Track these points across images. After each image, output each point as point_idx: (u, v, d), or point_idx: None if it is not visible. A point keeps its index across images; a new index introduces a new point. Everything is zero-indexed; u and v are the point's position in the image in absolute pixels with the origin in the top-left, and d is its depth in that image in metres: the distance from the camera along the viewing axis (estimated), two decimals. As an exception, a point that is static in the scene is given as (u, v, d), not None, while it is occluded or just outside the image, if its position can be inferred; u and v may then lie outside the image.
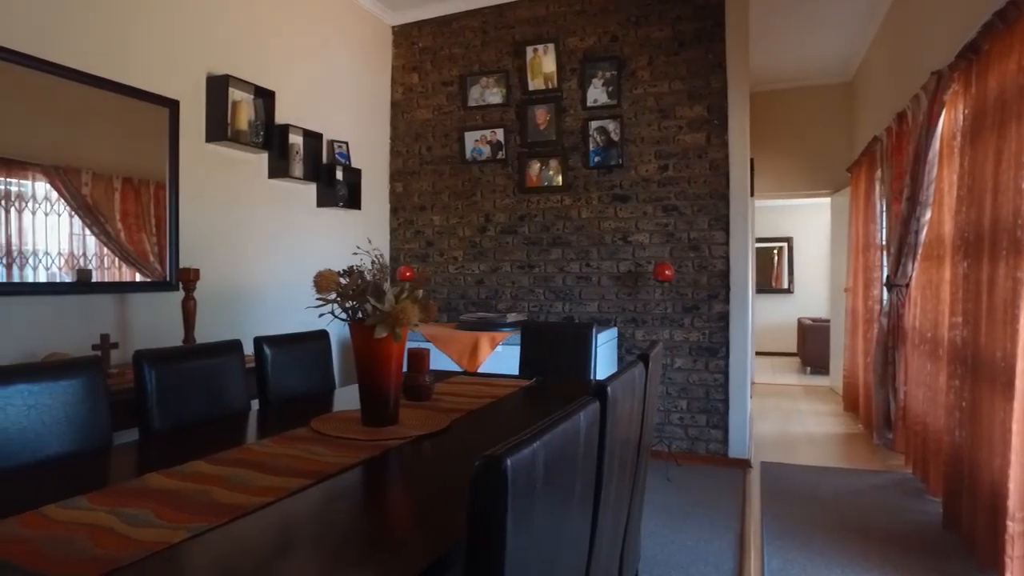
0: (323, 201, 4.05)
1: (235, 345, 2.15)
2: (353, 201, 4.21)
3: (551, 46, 4.40)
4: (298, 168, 3.77)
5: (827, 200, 7.04)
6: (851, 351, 5.56)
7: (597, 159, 4.30)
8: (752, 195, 5.46)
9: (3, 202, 2.46)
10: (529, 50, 4.45)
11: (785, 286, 10.03)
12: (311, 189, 4.02)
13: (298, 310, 3.88)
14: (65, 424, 1.61)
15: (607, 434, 1.29)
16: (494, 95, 4.58)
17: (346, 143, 4.24)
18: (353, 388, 2.59)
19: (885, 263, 4.49)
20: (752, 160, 5.23)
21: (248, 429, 1.95)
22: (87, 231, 2.76)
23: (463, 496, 1.33)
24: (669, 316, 4.17)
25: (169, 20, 3.10)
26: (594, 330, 3.00)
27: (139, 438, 1.85)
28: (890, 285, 3.98)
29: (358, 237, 4.45)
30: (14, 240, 2.49)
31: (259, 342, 2.29)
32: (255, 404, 2.27)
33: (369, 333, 1.73)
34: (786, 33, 5.24)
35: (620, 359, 4.28)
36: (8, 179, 2.47)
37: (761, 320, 9.65)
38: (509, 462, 0.80)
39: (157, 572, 0.98)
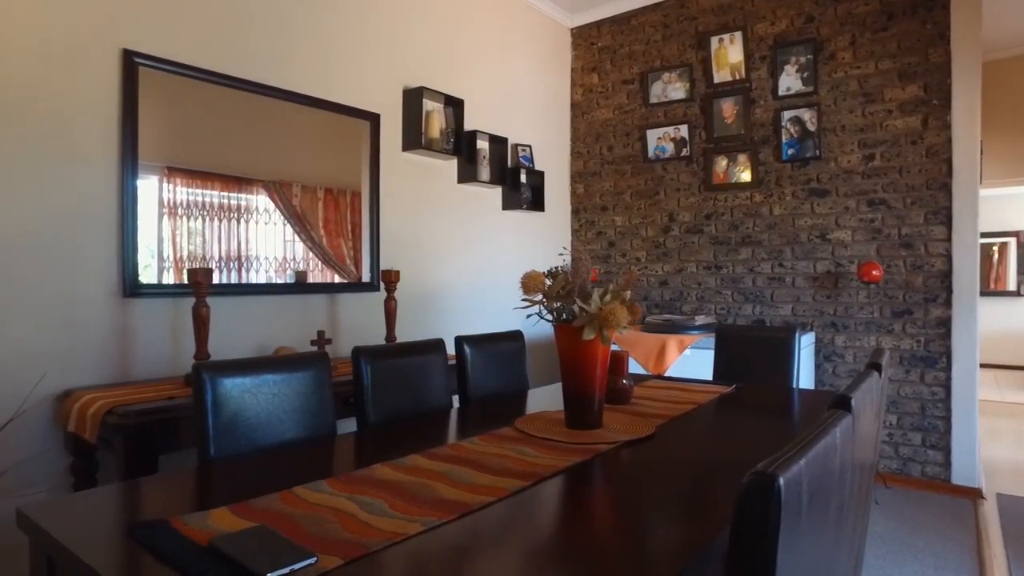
0: (508, 204, 4.16)
1: (439, 344, 2.25)
2: (536, 203, 4.27)
3: (738, 34, 4.16)
4: (485, 172, 3.89)
5: (1073, 187, 5.97)
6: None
7: (790, 152, 3.99)
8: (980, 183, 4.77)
9: (236, 214, 2.79)
10: (714, 41, 4.24)
11: (1012, 287, 8.70)
12: (497, 192, 4.14)
13: (485, 310, 4.01)
14: (300, 412, 1.77)
15: (851, 451, 1.15)
16: (677, 90, 4.42)
17: (529, 146, 4.31)
18: (545, 389, 2.61)
19: None
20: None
21: (454, 425, 2.02)
22: (296, 238, 3.04)
23: (685, 509, 1.26)
24: (876, 321, 3.75)
25: (370, 41, 3.34)
26: (797, 334, 2.77)
27: (356, 429, 1.99)
28: None
29: (541, 239, 4.52)
30: (243, 247, 2.82)
31: (460, 341, 2.37)
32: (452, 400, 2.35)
33: (575, 335, 1.71)
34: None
35: (818, 366, 3.93)
36: (239, 194, 2.80)
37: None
38: (782, 480, 0.72)
39: (400, 561, 1.02)
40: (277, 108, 2.93)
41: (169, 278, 2.57)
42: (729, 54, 4.20)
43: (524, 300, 1.82)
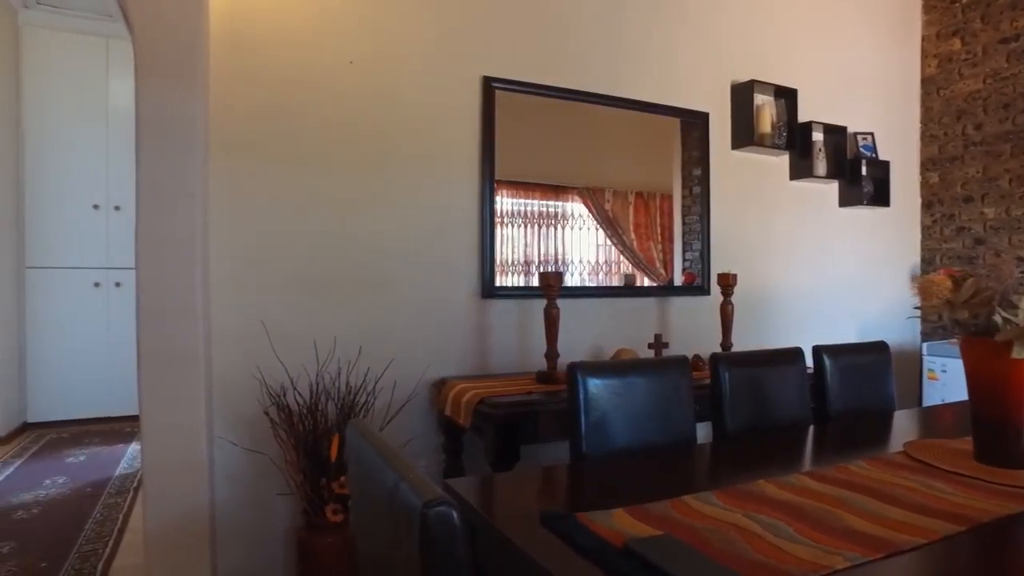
0: (846, 200, 3.73)
1: (797, 353, 2.07)
2: (880, 198, 3.76)
3: None
4: (820, 167, 3.55)
5: None
6: None
7: None
8: None
9: (553, 221, 2.95)
10: None
11: None
12: (832, 188, 3.74)
13: (821, 315, 3.66)
14: (661, 416, 1.76)
15: None
16: (1081, 45, 3.51)
17: (871, 134, 3.81)
18: (914, 411, 2.27)
19: None
20: None
21: (820, 443, 1.85)
22: (608, 241, 3.08)
23: None
24: None
25: (697, 40, 3.27)
26: None
27: (713, 437, 1.92)
28: None
29: (885, 238, 3.97)
30: (559, 251, 2.96)
31: (818, 351, 2.16)
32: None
33: (994, 351, 1.42)
34: None
35: None
36: (556, 202, 2.96)
37: None
38: None
39: (831, 597, 0.92)
40: (596, 116, 3.01)
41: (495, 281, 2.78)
42: None
43: (917, 308, 1.57)
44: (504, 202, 2.83)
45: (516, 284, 2.82)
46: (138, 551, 2.55)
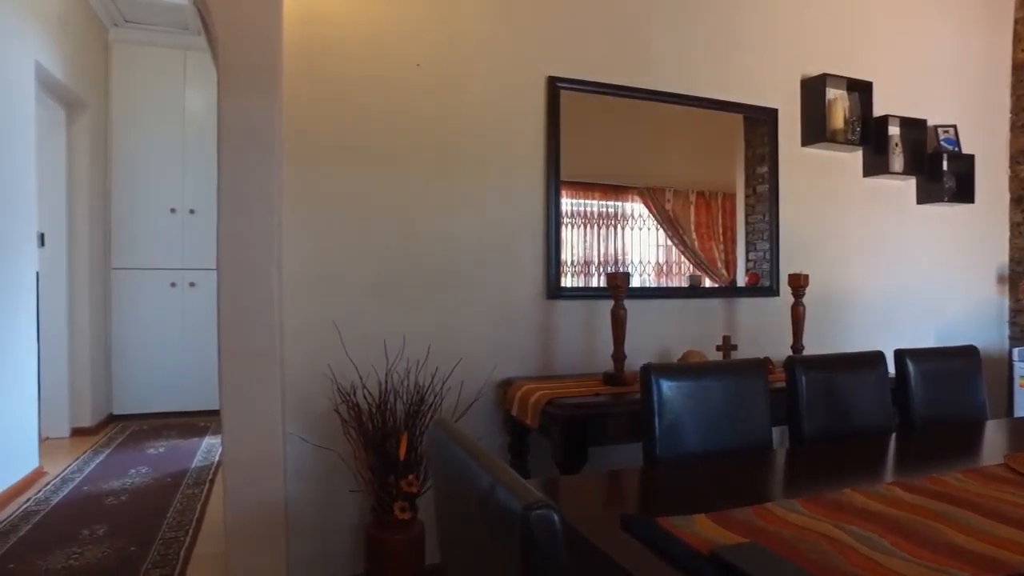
0: (924, 197, 3.54)
1: (878, 357, 1.99)
2: (963, 194, 3.56)
3: None
4: (897, 163, 3.38)
5: None
6: None
7: None
8: None
9: (613, 221, 2.91)
10: None
11: None
12: (909, 185, 3.56)
13: (898, 318, 3.50)
14: (737, 419, 1.71)
15: None
16: None
17: (953, 127, 3.62)
18: (1004, 422, 2.14)
19: None
20: None
21: (904, 451, 1.77)
22: (669, 242, 3.03)
23: None
24: None
25: (767, 34, 3.18)
26: None
27: (790, 444, 1.86)
28: None
29: (967, 236, 3.75)
30: (619, 252, 2.92)
31: (901, 355, 2.07)
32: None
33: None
34: None
35: None
36: (616, 202, 2.93)
37: None
38: None
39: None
40: (657, 115, 2.94)
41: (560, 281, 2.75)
42: None
43: (1019, 311, 1.48)
44: (564, 202, 2.81)
45: (576, 285, 2.80)
46: (216, 540, 2.65)
